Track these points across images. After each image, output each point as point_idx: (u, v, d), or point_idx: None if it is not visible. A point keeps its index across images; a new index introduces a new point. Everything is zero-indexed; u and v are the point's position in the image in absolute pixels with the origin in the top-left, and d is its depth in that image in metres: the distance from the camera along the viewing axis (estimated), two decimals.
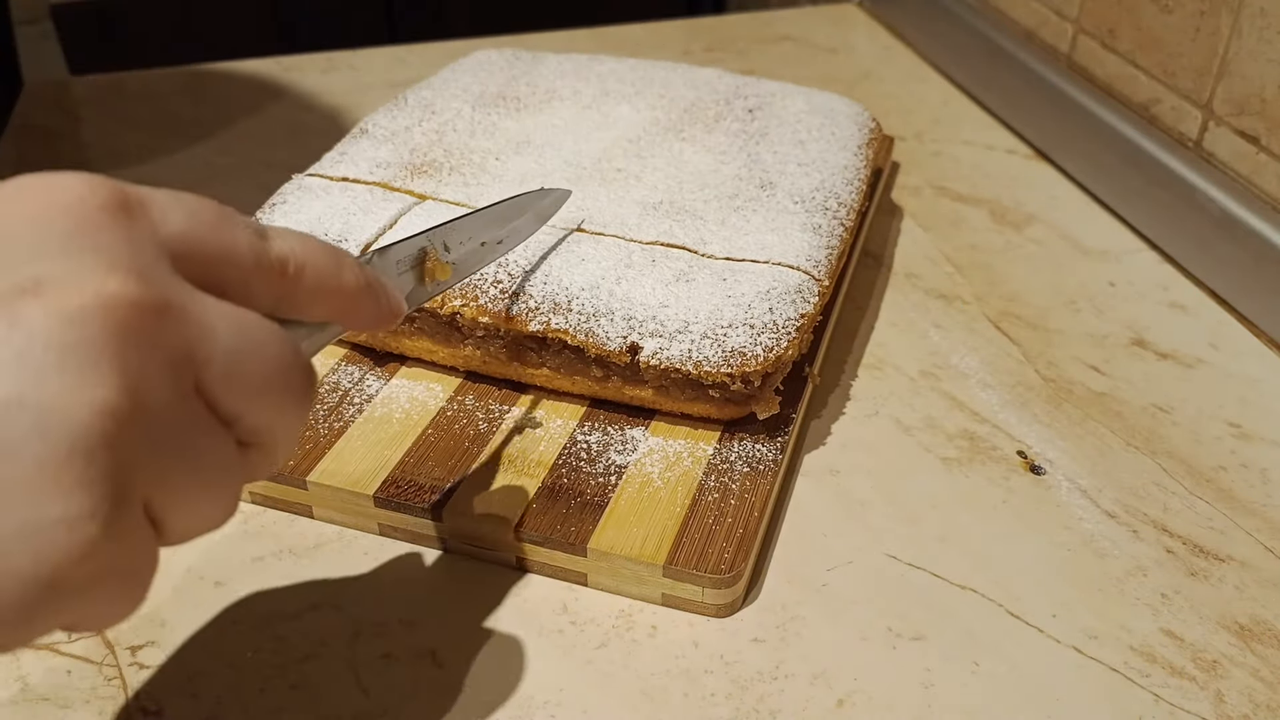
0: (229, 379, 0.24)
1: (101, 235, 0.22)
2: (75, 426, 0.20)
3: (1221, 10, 0.59)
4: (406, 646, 0.38)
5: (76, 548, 0.20)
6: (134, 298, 0.22)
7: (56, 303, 0.21)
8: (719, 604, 0.39)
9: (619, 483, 0.42)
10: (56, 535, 0.20)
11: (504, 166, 0.53)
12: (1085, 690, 0.37)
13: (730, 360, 0.42)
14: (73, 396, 0.20)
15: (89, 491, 0.20)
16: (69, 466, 0.20)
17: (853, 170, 0.54)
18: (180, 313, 0.23)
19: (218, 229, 0.25)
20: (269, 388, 0.25)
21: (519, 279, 0.45)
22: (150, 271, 0.23)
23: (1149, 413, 0.50)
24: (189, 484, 0.23)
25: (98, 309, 0.21)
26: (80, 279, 0.21)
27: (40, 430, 0.20)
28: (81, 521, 0.20)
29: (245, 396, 0.24)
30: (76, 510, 0.20)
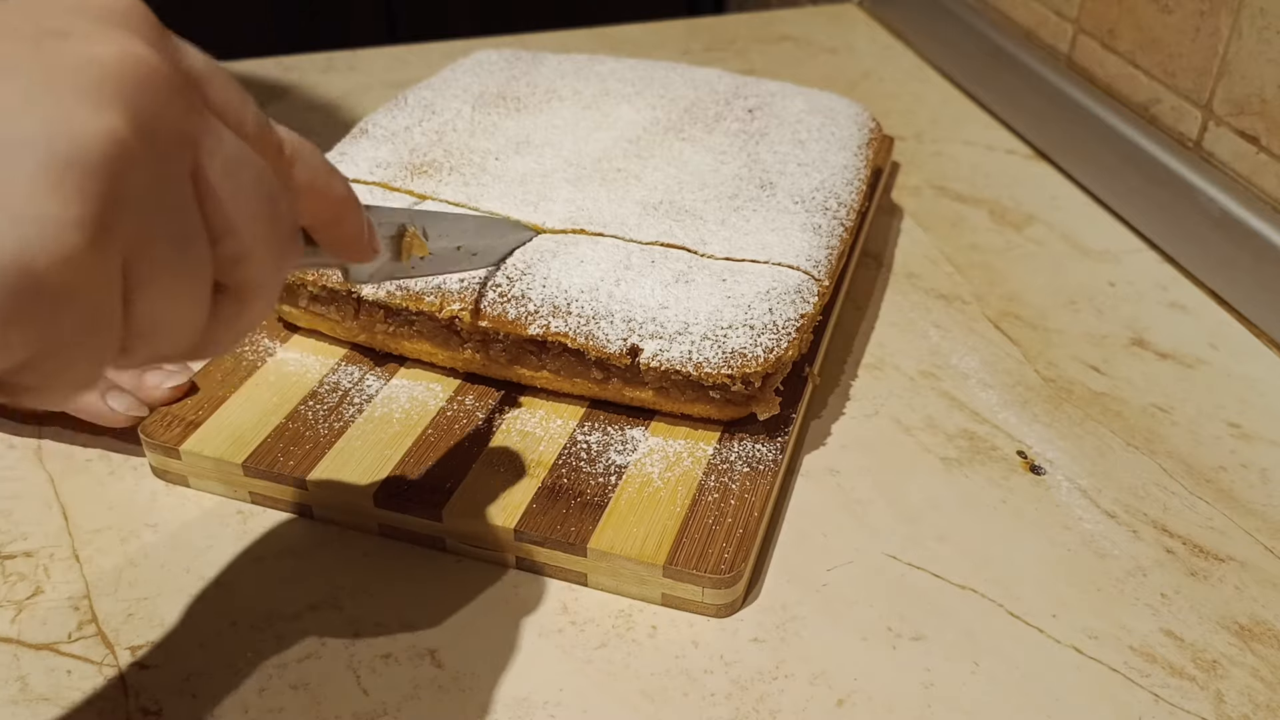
0: (226, 179, 0.24)
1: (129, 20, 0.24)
2: (81, 140, 0.21)
3: (1221, 10, 0.59)
4: (406, 646, 0.38)
5: (60, 247, 0.21)
6: (155, 63, 0.23)
7: (82, 46, 0.22)
8: (719, 604, 0.39)
9: (619, 483, 0.42)
10: (45, 230, 0.20)
11: (504, 166, 0.53)
12: (1085, 690, 0.37)
13: (730, 361, 0.42)
14: (84, 116, 0.21)
15: (81, 201, 0.21)
16: (68, 173, 0.21)
17: (853, 170, 0.54)
18: (195, 103, 0.24)
19: (229, 84, 0.26)
20: (259, 210, 0.25)
21: (517, 281, 0.45)
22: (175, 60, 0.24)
23: (1149, 413, 0.50)
24: (165, 268, 0.23)
25: (120, 57, 0.22)
26: (108, 37, 0.23)
27: (49, 135, 0.21)
28: (69, 226, 0.21)
29: (236, 207, 0.25)
30: (69, 216, 0.21)
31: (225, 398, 0.46)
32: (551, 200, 0.50)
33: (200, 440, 0.44)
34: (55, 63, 0.22)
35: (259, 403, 0.46)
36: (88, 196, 0.21)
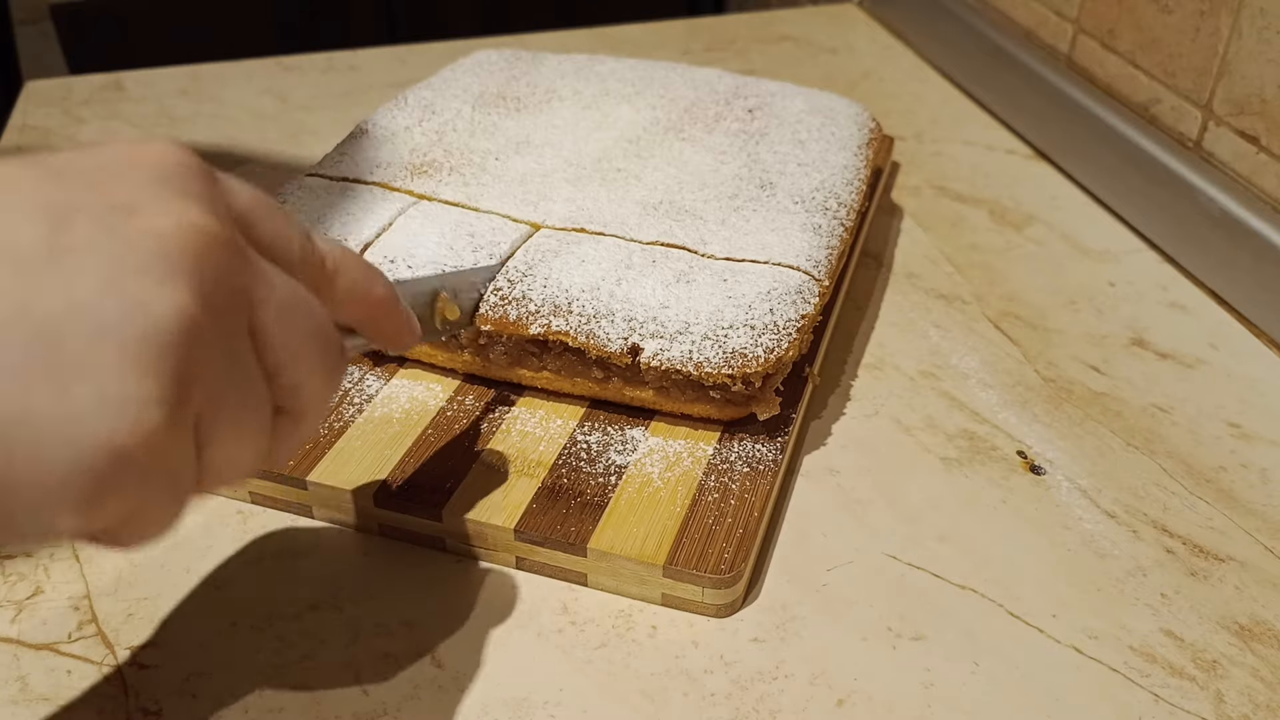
0: (279, 325, 0.27)
1: (188, 183, 0.26)
2: (157, 320, 0.23)
3: (1221, 10, 0.59)
4: (406, 646, 0.38)
5: (144, 425, 0.22)
6: (214, 229, 0.25)
7: (149, 221, 0.24)
8: (719, 604, 0.39)
9: (619, 483, 0.42)
10: (129, 410, 0.22)
11: (504, 166, 0.53)
12: (1085, 690, 0.37)
13: (731, 361, 0.42)
14: (157, 295, 0.23)
15: (159, 379, 0.23)
16: (146, 353, 0.22)
17: (853, 170, 0.54)
18: (248, 255, 0.26)
19: (273, 215, 0.28)
20: (310, 346, 0.28)
21: (518, 284, 0.45)
22: (226, 219, 0.26)
23: (1149, 413, 0.50)
24: (231, 417, 0.25)
25: (182, 230, 0.24)
26: (169, 208, 0.24)
27: (128, 318, 0.22)
28: (151, 404, 0.22)
29: (289, 348, 0.27)
30: (148, 393, 0.22)
31: None
32: (551, 200, 0.50)
33: None
34: (125, 242, 0.23)
35: None
36: (164, 374, 0.23)
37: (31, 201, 0.23)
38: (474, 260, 0.46)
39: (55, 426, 0.22)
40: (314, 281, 0.30)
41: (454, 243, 0.47)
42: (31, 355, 0.22)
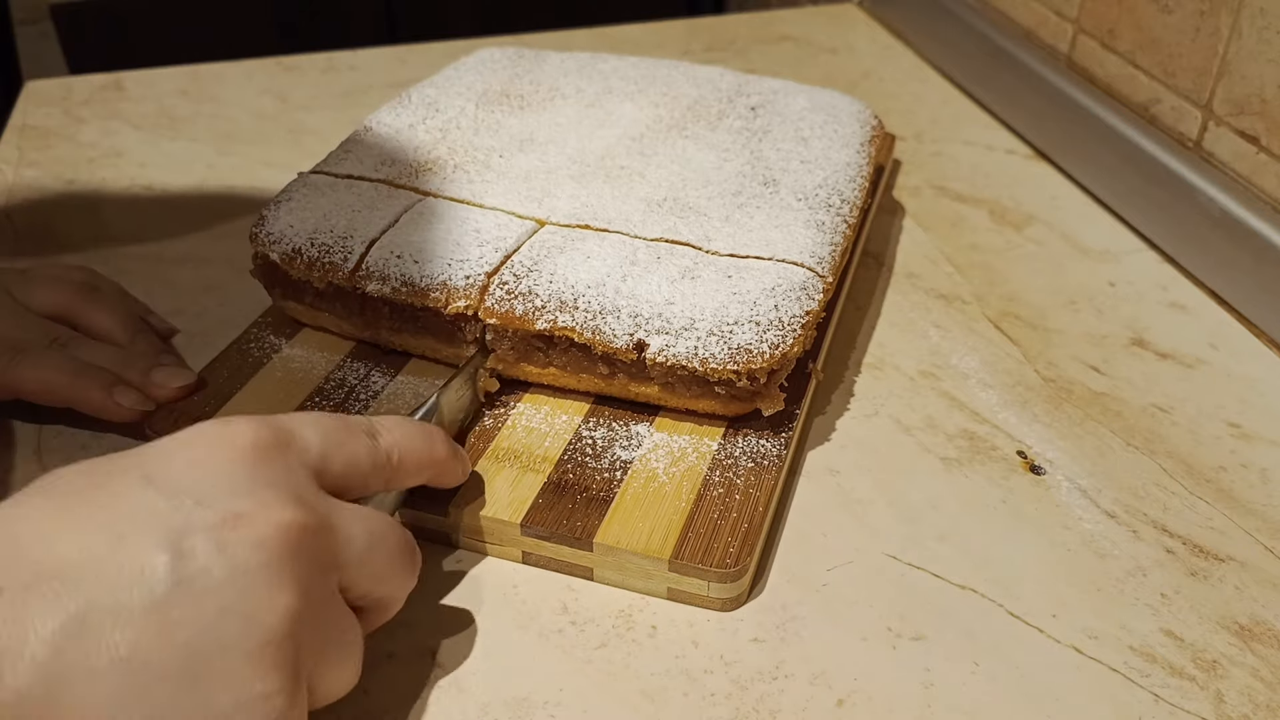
0: (361, 573, 0.32)
1: (272, 471, 0.31)
2: (270, 626, 0.28)
3: (1221, 10, 0.59)
4: (406, 646, 0.38)
5: (274, 713, 0.28)
6: (301, 522, 0.30)
7: (250, 532, 0.29)
8: (724, 598, 0.39)
9: (624, 478, 0.42)
10: (259, 707, 0.27)
11: (507, 164, 0.53)
12: (1085, 690, 0.37)
13: (736, 357, 0.42)
14: (267, 603, 0.28)
15: (280, 673, 0.28)
16: (266, 656, 0.28)
17: (855, 167, 0.54)
18: (330, 528, 0.31)
19: (343, 445, 0.34)
20: (390, 572, 0.33)
21: (524, 278, 0.45)
22: (307, 495, 0.31)
23: (1149, 413, 0.50)
24: (333, 658, 0.31)
25: (278, 535, 0.29)
26: (265, 510, 0.29)
27: (247, 630, 0.27)
28: (276, 696, 0.28)
29: (372, 583, 0.33)
30: (273, 688, 0.28)
31: (232, 394, 0.46)
32: (556, 197, 0.50)
33: None
34: (237, 560, 0.28)
35: (265, 399, 0.46)
36: (282, 667, 0.28)
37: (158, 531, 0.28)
38: (480, 255, 0.46)
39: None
40: (384, 477, 0.35)
41: (460, 239, 0.47)
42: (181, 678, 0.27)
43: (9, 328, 0.46)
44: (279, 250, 0.48)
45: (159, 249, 0.60)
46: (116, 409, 0.45)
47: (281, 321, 0.51)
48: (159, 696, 0.26)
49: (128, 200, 0.66)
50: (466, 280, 0.45)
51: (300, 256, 0.48)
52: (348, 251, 0.47)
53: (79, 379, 0.45)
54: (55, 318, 0.48)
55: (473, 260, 0.46)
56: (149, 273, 0.58)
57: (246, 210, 0.64)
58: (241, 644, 0.27)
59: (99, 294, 0.50)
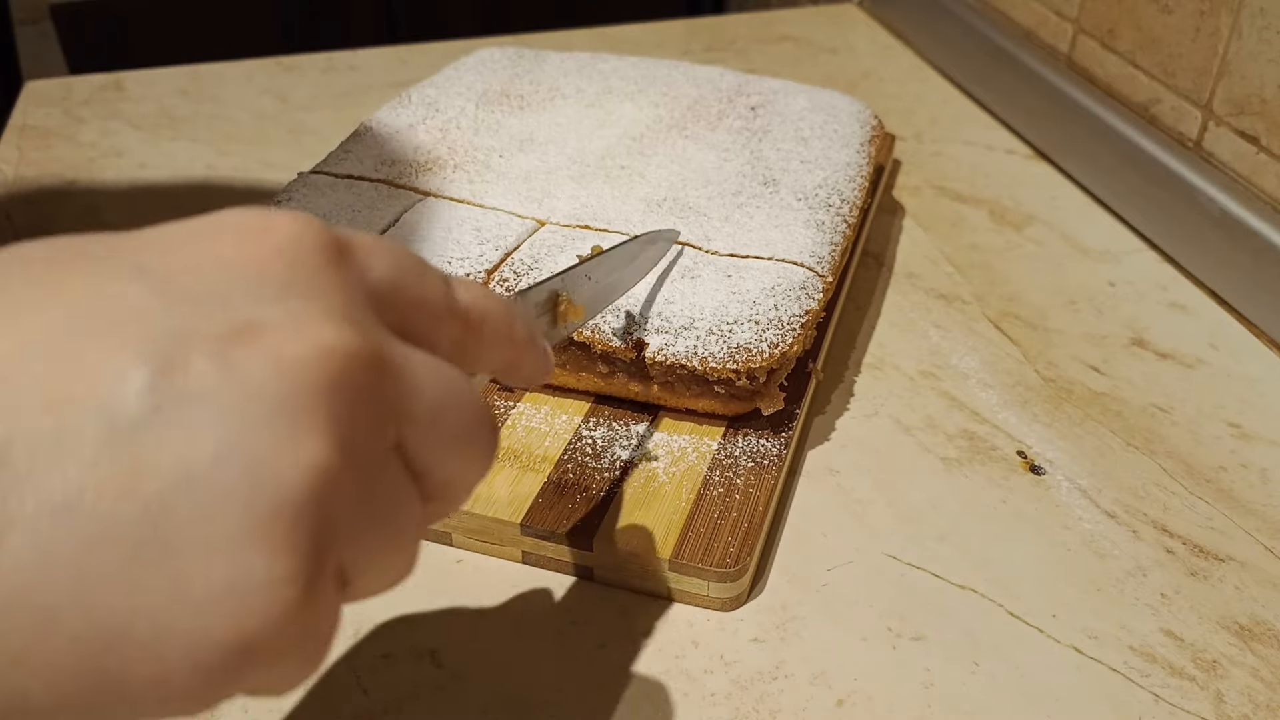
0: (429, 434, 0.23)
1: (317, 280, 0.21)
2: (286, 483, 0.19)
3: (1221, 10, 0.59)
4: (406, 646, 0.38)
5: (276, 613, 0.19)
6: (350, 349, 0.20)
7: (273, 350, 0.19)
8: (724, 598, 0.39)
9: (624, 478, 0.42)
10: (257, 599, 0.19)
11: (508, 164, 0.53)
12: (1085, 690, 0.37)
13: (736, 356, 0.43)
14: (285, 451, 0.19)
15: (293, 553, 0.19)
16: (276, 525, 0.19)
17: (855, 167, 0.54)
18: (390, 367, 0.22)
19: (417, 275, 0.25)
20: (464, 441, 0.24)
21: (524, 276, 0.45)
22: (363, 321, 0.22)
23: (1149, 413, 0.50)
24: (381, 544, 0.22)
25: (314, 359, 0.20)
26: (297, 325, 0.20)
27: (251, 485, 0.19)
28: (283, 585, 0.19)
29: (441, 451, 0.23)
30: (280, 572, 0.19)
31: None
32: (556, 197, 0.50)
33: None
34: (246, 384, 0.19)
35: None
36: (298, 545, 0.19)
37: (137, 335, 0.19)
38: (480, 253, 0.46)
39: (173, 624, 0.18)
40: (459, 338, 0.26)
41: (460, 238, 0.47)
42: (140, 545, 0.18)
43: None
44: None
45: None
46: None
47: None
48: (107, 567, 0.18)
49: (128, 200, 0.66)
50: (466, 277, 0.45)
51: None
52: None
53: None
54: None
55: (472, 258, 0.46)
56: None
57: None
58: (241, 505, 0.18)
59: None
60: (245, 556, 0.18)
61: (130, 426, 0.18)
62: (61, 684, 0.18)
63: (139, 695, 0.19)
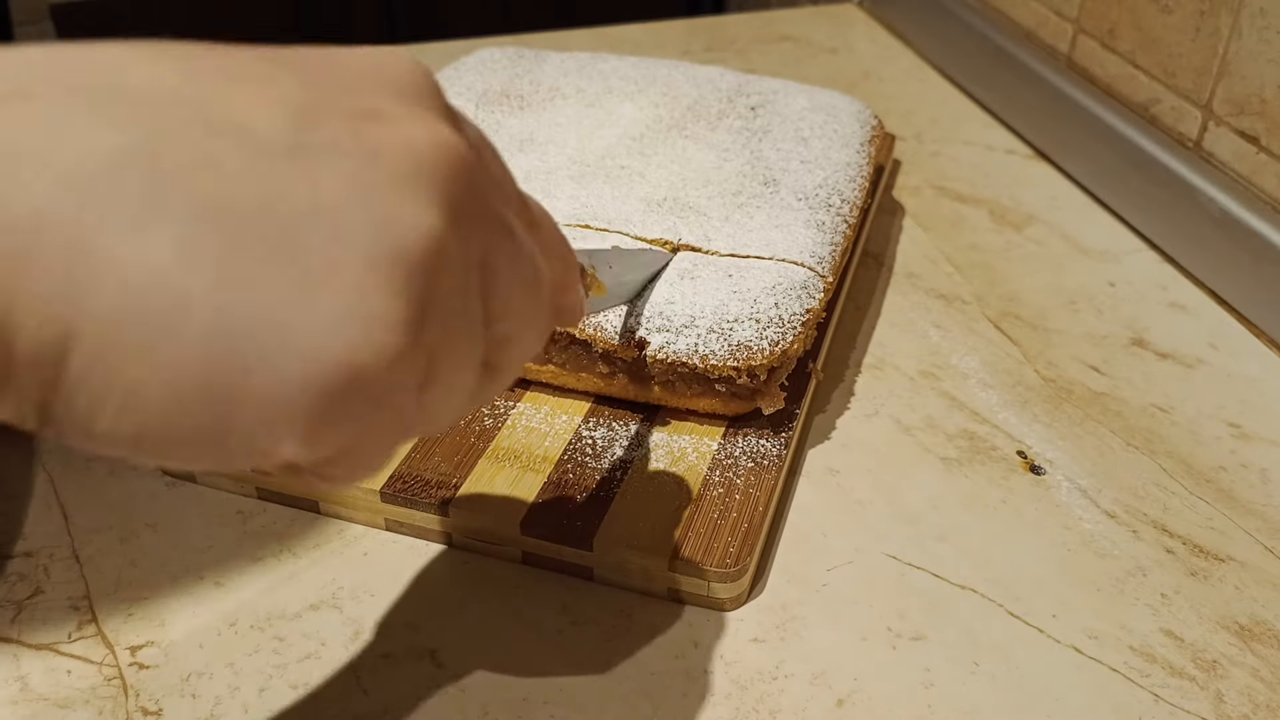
0: (510, 269, 0.24)
1: (429, 100, 0.23)
2: (407, 237, 0.20)
3: (1221, 10, 0.59)
4: (406, 646, 0.38)
5: (386, 348, 0.20)
6: (465, 150, 0.22)
7: (398, 132, 0.21)
8: (724, 598, 0.39)
9: (624, 478, 0.42)
10: (372, 330, 0.20)
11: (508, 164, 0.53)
12: (1085, 690, 0.37)
13: (736, 354, 0.43)
14: (411, 212, 0.21)
15: (406, 300, 0.20)
16: (395, 272, 0.20)
17: (855, 167, 0.54)
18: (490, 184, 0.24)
19: (497, 156, 0.26)
20: (531, 296, 0.25)
21: None
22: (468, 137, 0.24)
23: (1149, 413, 0.50)
24: (456, 355, 0.23)
25: (434, 146, 0.22)
26: (418, 119, 0.22)
27: (377, 231, 0.20)
28: (395, 326, 0.20)
29: (513, 294, 0.25)
30: (394, 314, 0.20)
31: None
32: (556, 197, 0.50)
33: None
34: (374, 149, 0.21)
35: None
36: (411, 296, 0.20)
37: (279, 93, 0.20)
38: None
39: (295, 337, 0.19)
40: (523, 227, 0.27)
41: None
42: (276, 255, 0.19)
43: None
44: None
45: None
46: None
47: None
48: (245, 263, 0.19)
49: None
50: None
51: None
52: None
53: None
54: None
55: None
56: None
57: None
58: (368, 245, 0.20)
59: None
60: (366, 290, 0.20)
61: (273, 155, 0.19)
62: (179, 385, 0.19)
63: (246, 418, 0.19)
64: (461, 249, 0.22)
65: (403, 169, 0.21)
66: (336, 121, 0.21)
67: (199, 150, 0.19)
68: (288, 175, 0.19)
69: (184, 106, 0.19)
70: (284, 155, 0.20)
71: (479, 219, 0.23)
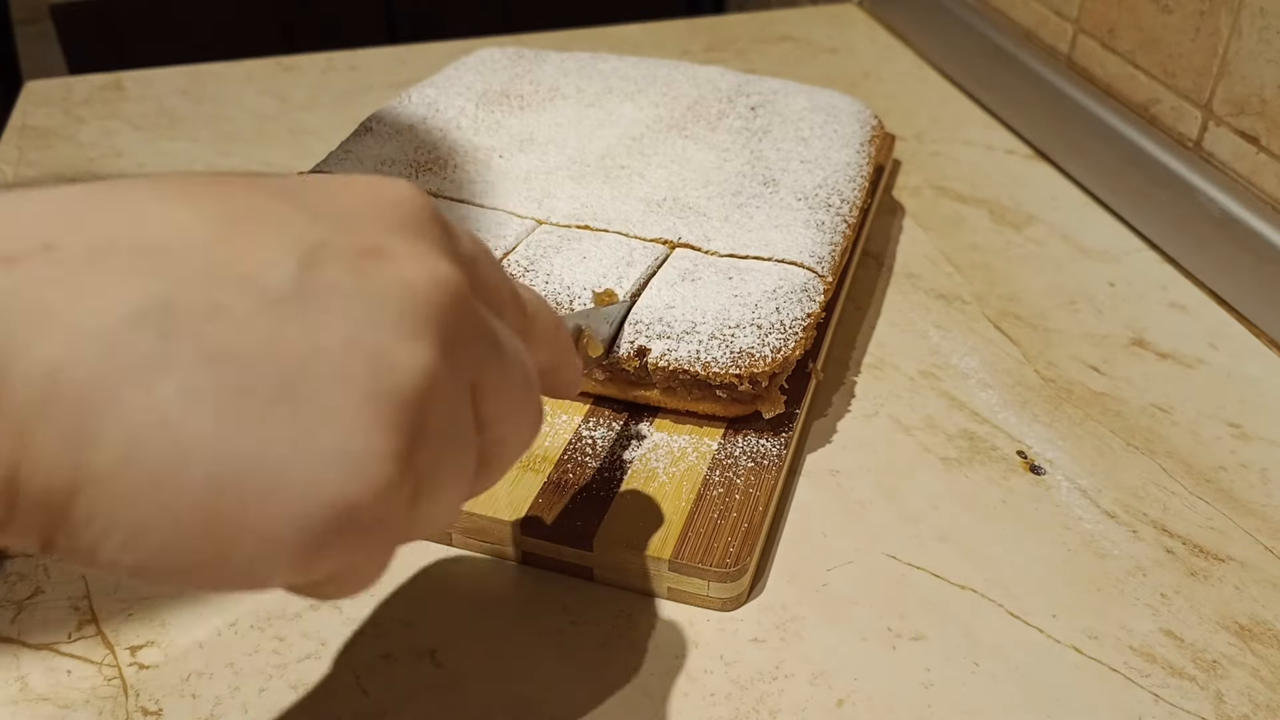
0: (500, 384, 0.26)
1: (430, 229, 0.25)
2: (401, 375, 0.22)
3: (1221, 10, 0.59)
4: (406, 646, 0.38)
5: (376, 482, 0.21)
6: (459, 285, 0.24)
7: (398, 269, 0.23)
8: (724, 598, 0.39)
9: (624, 478, 0.42)
10: (364, 466, 0.21)
11: (508, 164, 0.53)
12: (1085, 690, 0.37)
13: (739, 361, 0.42)
14: (406, 351, 0.22)
15: (398, 434, 0.22)
16: (388, 409, 0.21)
17: (855, 167, 0.54)
18: (480, 307, 0.25)
19: (489, 260, 0.28)
20: (522, 401, 0.27)
21: (521, 277, 0.45)
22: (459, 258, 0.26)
23: (1149, 413, 0.50)
24: (445, 474, 0.24)
25: (430, 283, 0.23)
26: (416, 255, 0.23)
27: (373, 371, 0.21)
28: (386, 460, 0.21)
29: (504, 403, 0.26)
30: (385, 448, 0.21)
31: None
32: (556, 197, 0.50)
33: None
34: (374, 291, 0.22)
35: None
36: (401, 429, 0.22)
37: (285, 236, 0.22)
38: None
39: (291, 475, 0.20)
40: (517, 324, 0.29)
41: None
42: (277, 399, 0.20)
43: None
44: None
45: None
46: None
47: None
48: (245, 408, 0.20)
49: None
50: None
51: None
52: None
53: None
54: None
55: None
56: None
57: None
58: (363, 384, 0.21)
59: None
60: (359, 429, 0.21)
61: (277, 302, 0.21)
62: (180, 522, 0.20)
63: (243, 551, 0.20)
64: (454, 375, 0.23)
65: (399, 309, 0.22)
66: (339, 262, 0.22)
67: (210, 300, 0.20)
68: (291, 321, 0.21)
69: (197, 256, 0.21)
70: (289, 301, 0.21)
71: (471, 343, 0.24)
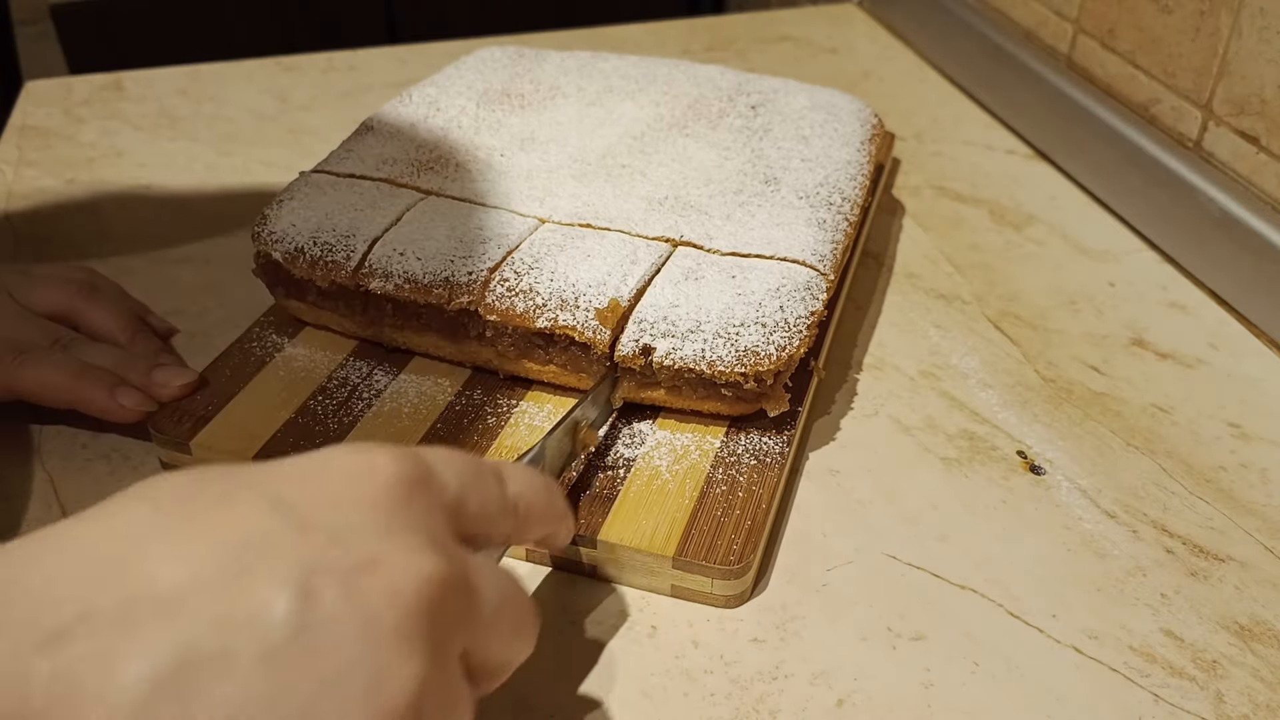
0: (489, 635, 0.29)
1: (413, 513, 0.28)
2: (397, 692, 0.24)
3: (1221, 10, 0.59)
4: None
5: None
6: (443, 576, 0.26)
7: (388, 579, 0.25)
8: (728, 595, 0.39)
9: (627, 475, 0.42)
10: None
11: (509, 163, 0.53)
12: (1085, 690, 0.37)
13: (744, 359, 0.42)
14: (397, 667, 0.25)
15: None
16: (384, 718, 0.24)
17: (856, 166, 0.54)
18: (468, 585, 0.28)
19: (477, 487, 0.31)
20: (514, 636, 0.30)
21: (524, 275, 0.45)
22: (445, 544, 0.28)
23: (1149, 413, 0.50)
24: None
25: (418, 585, 0.25)
26: (405, 552, 0.26)
27: (370, 695, 0.24)
28: None
29: (494, 646, 0.29)
30: None
31: (235, 393, 0.46)
32: (557, 196, 0.50)
33: (211, 435, 0.44)
34: (368, 611, 0.25)
35: (268, 397, 0.46)
36: None
37: (280, 567, 0.24)
38: (482, 251, 0.46)
39: None
40: (509, 527, 0.32)
41: (462, 236, 0.47)
42: None
43: (10, 328, 0.46)
44: (281, 249, 0.48)
45: (159, 249, 0.60)
46: (119, 409, 0.45)
47: (284, 320, 0.51)
48: None
49: (128, 200, 0.66)
50: (469, 276, 0.45)
51: (303, 255, 0.48)
52: (350, 250, 0.47)
53: (80, 380, 0.45)
54: (55, 318, 0.48)
55: (475, 256, 0.46)
56: (149, 273, 0.58)
57: (247, 210, 0.64)
58: (364, 704, 0.24)
59: (99, 294, 0.50)
60: None
61: (280, 645, 0.23)
62: None
63: None
64: (444, 664, 0.26)
65: (393, 623, 0.25)
66: (333, 586, 0.24)
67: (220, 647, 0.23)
68: (295, 662, 0.23)
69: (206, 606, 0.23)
70: (291, 640, 0.24)
71: (459, 624, 0.27)
